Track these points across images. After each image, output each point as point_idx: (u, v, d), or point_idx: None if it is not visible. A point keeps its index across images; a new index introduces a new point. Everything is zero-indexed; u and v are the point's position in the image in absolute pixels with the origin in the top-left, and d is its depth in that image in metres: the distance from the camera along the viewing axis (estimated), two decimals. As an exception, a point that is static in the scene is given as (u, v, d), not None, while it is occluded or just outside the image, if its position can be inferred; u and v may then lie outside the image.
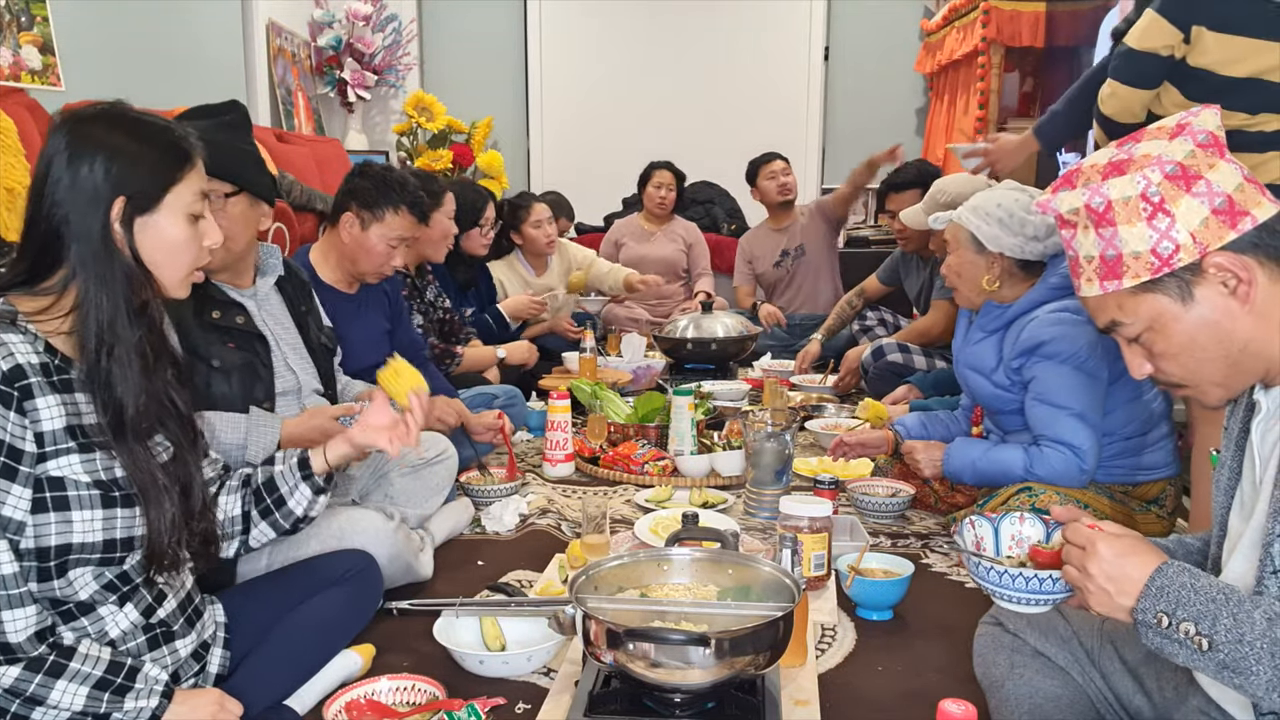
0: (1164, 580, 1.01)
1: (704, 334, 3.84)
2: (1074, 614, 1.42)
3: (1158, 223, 1.06)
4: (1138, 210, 1.06)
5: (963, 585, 2.06)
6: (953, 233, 2.26)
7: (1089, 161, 1.14)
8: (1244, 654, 0.95)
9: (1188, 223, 1.05)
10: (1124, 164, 1.09)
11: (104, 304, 1.20)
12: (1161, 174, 1.06)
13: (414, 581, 2.01)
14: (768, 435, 2.43)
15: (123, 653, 1.26)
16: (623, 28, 6.07)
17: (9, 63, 2.73)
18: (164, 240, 1.26)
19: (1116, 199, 1.07)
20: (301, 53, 5.24)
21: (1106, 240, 1.09)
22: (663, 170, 4.95)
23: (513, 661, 1.65)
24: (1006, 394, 2.22)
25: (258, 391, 1.94)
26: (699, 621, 1.42)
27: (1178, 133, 1.09)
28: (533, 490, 2.71)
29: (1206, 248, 1.05)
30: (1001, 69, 4.73)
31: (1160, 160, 1.07)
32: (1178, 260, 1.06)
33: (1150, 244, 1.06)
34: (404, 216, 2.50)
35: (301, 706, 1.51)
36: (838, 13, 5.93)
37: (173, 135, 1.28)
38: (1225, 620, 0.96)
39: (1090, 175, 1.12)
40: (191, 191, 1.28)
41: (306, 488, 1.52)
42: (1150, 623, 1.01)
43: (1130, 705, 1.31)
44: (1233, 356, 1.08)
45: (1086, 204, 1.10)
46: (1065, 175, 1.17)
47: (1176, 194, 1.05)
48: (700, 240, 5.11)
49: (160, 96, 3.46)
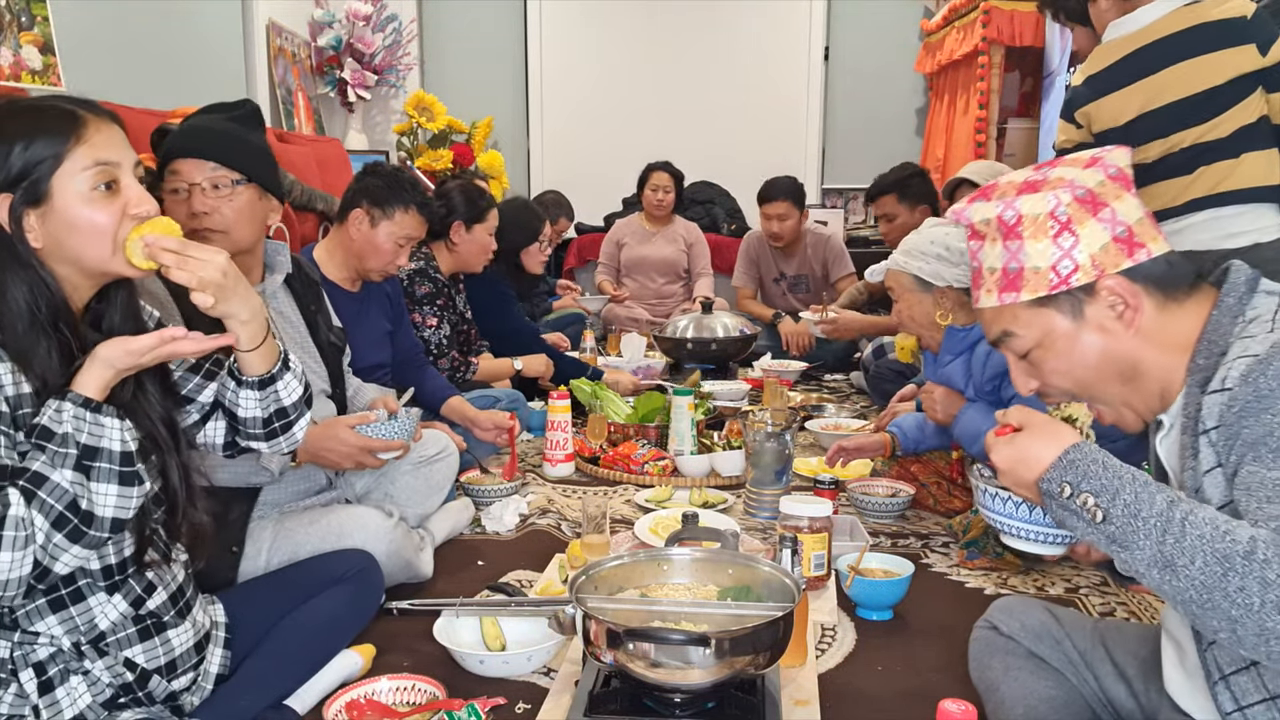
0: (1076, 455, 1.06)
1: (704, 334, 3.85)
2: (1066, 615, 1.43)
3: (1062, 240, 1.11)
4: (1045, 227, 1.12)
5: (963, 585, 2.06)
6: (894, 280, 2.30)
7: (1007, 179, 1.20)
8: (1135, 528, 0.98)
9: (1090, 245, 1.10)
10: (1039, 183, 1.14)
11: (13, 308, 1.17)
12: (1072, 196, 1.11)
13: (414, 580, 2.01)
14: (768, 435, 2.43)
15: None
16: (623, 28, 6.07)
17: (9, 63, 2.73)
18: (72, 224, 1.19)
19: (1027, 213, 1.13)
20: (301, 53, 5.24)
21: (1011, 253, 1.14)
22: (660, 172, 4.93)
23: (513, 661, 1.65)
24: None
25: None
26: (699, 621, 1.42)
27: (1091, 164, 1.14)
28: (533, 490, 2.71)
29: (1103, 271, 1.10)
30: (1001, 69, 4.74)
31: (1073, 184, 1.12)
32: (1075, 280, 1.11)
33: (1052, 260, 1.12)
34: (413, 216, 2.51)
35: (302, 706, 1.51)
36: (838, 13, 5.93)
37: (44, 115, 1.20)
38: (1126, 496, 1.00)
39: (1006, 190, 1.17)
40: (84, 164, 1.19)
41: (246, 391, 1.42)
42: (1054, 493, 1.05)
43: (1124, 708, 1.32)
44: (1126, 374, 1.13)
45: (999, 215, 1.15)
46: (982, 189, 1.21)
47: (1083, 216, 1.11)
48: (701, 240, 5.11)
49: (160, 96, 3.46)
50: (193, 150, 1.81)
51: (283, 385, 1.44)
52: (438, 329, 3.11)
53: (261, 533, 1.84)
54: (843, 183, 5.99)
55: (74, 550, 1.14)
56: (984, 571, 2.12)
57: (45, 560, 1.12)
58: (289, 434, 1.49)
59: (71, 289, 1.24)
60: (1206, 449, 1.04)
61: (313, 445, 1.89)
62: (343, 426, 1.91)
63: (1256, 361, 1.00)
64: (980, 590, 2.03)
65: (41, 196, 1.18)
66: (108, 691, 1.26)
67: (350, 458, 1.91)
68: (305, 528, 1.84)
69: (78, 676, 1.24)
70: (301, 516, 1.87)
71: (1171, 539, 0.96)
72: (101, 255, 1.22)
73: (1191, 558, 0.94)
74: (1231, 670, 1.05)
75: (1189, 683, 1.15)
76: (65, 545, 1.13)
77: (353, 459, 1.92)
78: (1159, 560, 0.96)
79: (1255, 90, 2.25)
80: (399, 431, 1.95)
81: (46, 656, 1.22)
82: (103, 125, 1.23)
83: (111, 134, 1.24)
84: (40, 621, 1.22)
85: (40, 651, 1.22)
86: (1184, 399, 1.10)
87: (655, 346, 4.09)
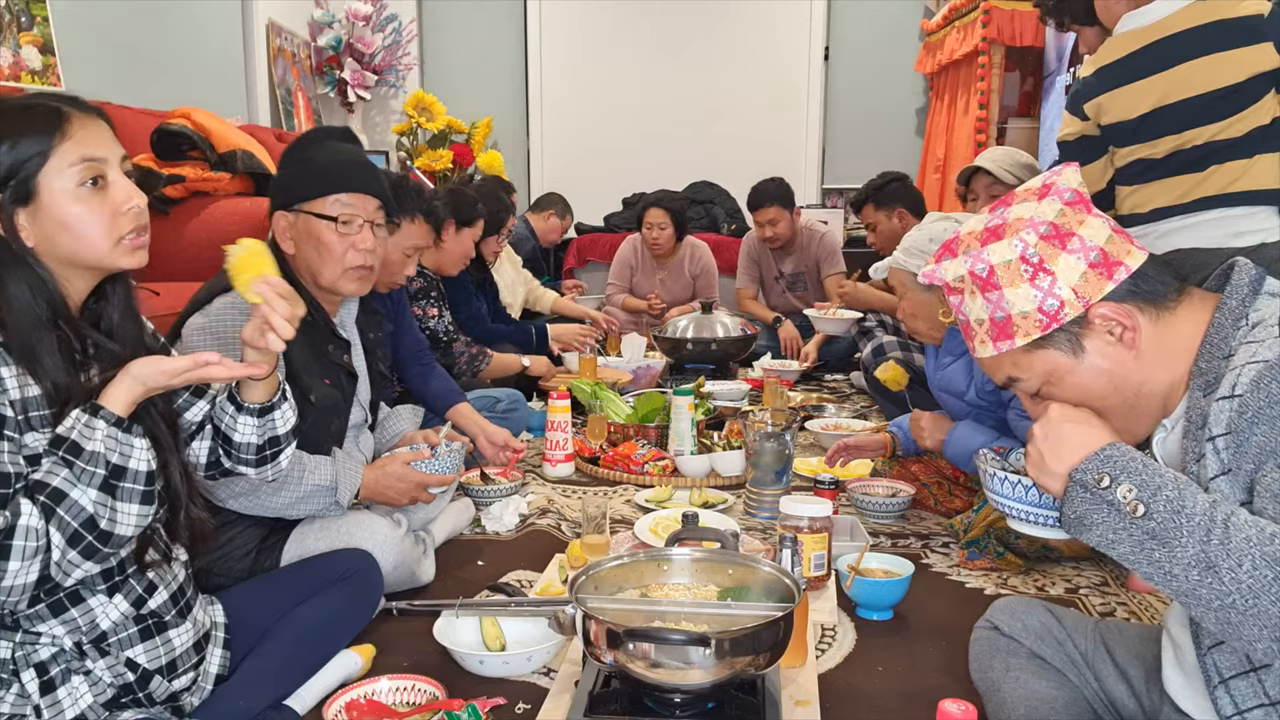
0: (1114, 452, 1.03)
1: (704, 334, 3.85)
2: (1068, 616, 1.43)
3: (1040, 282, 1.10)
4: (1019, 272, 1.11)
5: (963, 585, 2.06)
6: (896, 279, 2.29)
7: (966, 229, 1.19)
8: (1178, 525, 0.96)
9: (1068, 279, 1.10)
10: (1000, 229, 1.14)
11: (16, 307, 1.17)
12: (1037, 235, 1.11)
13: (415, 585, 2.01)
14: (768, 435, 2.43)
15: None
16: (623, 28, 6.07)
17: (9, 63, 2.73)
18: (61, 221, 1.19)
19: (998, 263, 1.12)
20: (301, 53, 5.24)
21: (994, 303, 1.13)
22: (653, 209, 4.73)
23: (513, 661, 1.65)
24: (982, 413, 2.24)
25: (335, 426, 1.94)
26: (699, 621, 1.42)
27: (1044, 193, 1.13)
28: (533, 490, 2.71)
29: (1089, 300, 1.10)
30: (1002, 69, 4.74)
31: (1033, 222, 1.11)
32: (1065, 315, 1.10)
33: (1036, 303, 1.11)
34: (419, 225, 2.50)
35: (301, 706, 1.51)
36: (838, 13, 5.94)
37: (28, 113, 1.19)
38: (1169, 492, 0.97)
39: (969, 243, 1.16)
40: (69, 160, 1.19)
41: (245, 417, 1.44)
42: (1089, 483, 1.02)
43: (1126, 708, 1.32)
44: (1129, 401, 1.12)
45: (970, 270, 1.14)
46: (945, 244, 1.21)
47: (1054, 253, 1.10)
48: (708, 268, 4.95)
49: (160, 96, 3.47)
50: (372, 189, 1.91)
51: (279, 414, 1.48)
52: (440, 318, 3.13)
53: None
54: (843, 183, 5.99)
55: (85, 565, 1.16)
56: (984, 572, 2.12)
57: (58, 575, 1.14)
58: (276, 462, 1.52)
59: (68, 287, 1.24)
60: (1212, 455, 1.03)
61: (373, 484, 1.96)
62: (399, 464, 1.99)
63: (1267, 367, 0.98)
64: (980, 590, 2.03)
65: (30, 195, 1.18)
66: (109, 692, 1.26)
67: (407, 494, 2.00)
68: (316, 533, 1.84)
69: (79, 676, 1.24)
70: (313, 523, 1.87)
71: (1216, 540, 0.93)
72: (95, 251, 1.22)
73: (1239, 560, 0.91)
74: (1231, 675, 1.05)
75: (1188, 684, 1.15)
76: (78, 561, 1.15)
77: (409, 495, 2.00)
78: (1201, 560, 0.94)
79: (1270, 90, 2.24)
80: (450, 466, 2.05)
81: (48, 656, 1.22)
82: (88, 121, 1.23)
83: (97, 130, 1.24)
84: (42, 623, 1.22)
85: (42, 651, 1.22)
86: (1186, 403, 1.09)
87: (655, 346, 4.09)
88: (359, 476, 1.90)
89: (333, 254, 1.85)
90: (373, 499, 1.99)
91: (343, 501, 1.84)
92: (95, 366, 1.26)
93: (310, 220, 1.85)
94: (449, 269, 3.25)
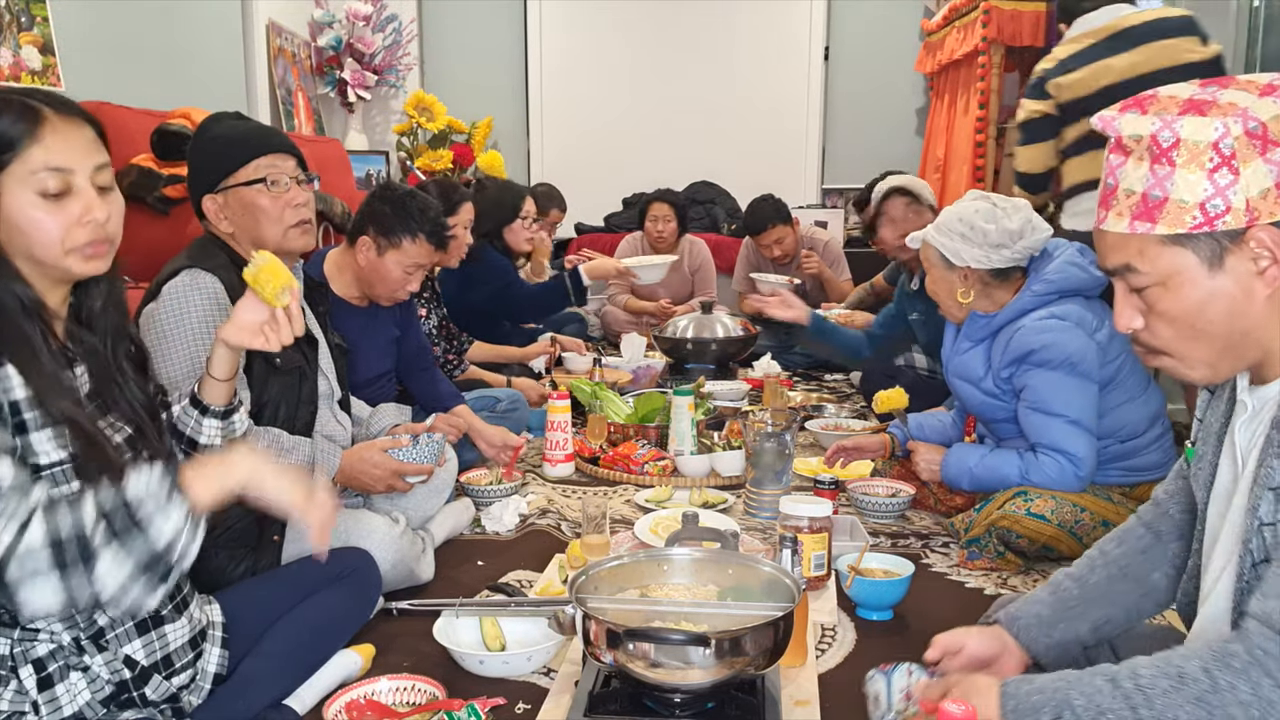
0: (1012, 690, 1.08)
1: (704, 334, 3.84)
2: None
3: (1219, 178, 0.98)
4: (1205, 158, 0.98)
5: (963, 585, 2.06)
6: (925, 253, 2.27)
7: (1167, 91, 1.05)
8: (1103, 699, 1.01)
9: (1249, 187, 0.98)
10: (1206, 105, 1.00)
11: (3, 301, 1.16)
12: (1243, 128, 0.98)
13: (415, 584, 2.01)
14: (768, 435, 2.43)
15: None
16: (623, 28, 6.07)
17: (9, 63, 2.73)
18: (16, 224, 1.17)
19: (1187, 138, 0.99)
20: (301, 53, 5.24)
21: (1158, 179, 1.01)
22: (658, 202, 4.80)
23: (513, 661, 1.65)
24: (997, 402, 2.22)
25: (304, 392, 1.94)
26: (699, 621, 1.42)
27: (1268, 91, 1.00)
28: (533, 490, 2.71)
29: (1256, 218, 0.98)
30: (1002, 69, 4.73)
31: (1245, 113, 0.98)
32: (1222, 223, 0.98)
33: (1202, 197, 0.98)
34: (421, 245, 2.47)
35: (301, 706, 1.51)
36: (838, 13, 5.93)
37: (3, 110, 1.17)
38: (1077, 701, 1.02)
39: (1167, 105, 1.02)
40: (33, 167, 1.17)
41: (210, 420, 1.47)
42: None
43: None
44: (1233, 339, 1.03)
45: (1154, 134, 1.01)
46: (1137, 98, 1.06)
47: (1250, 154, 0.97)
48: (706, 263, 4.99)
49: (160, 96, 3.46)
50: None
51: (238, 417, 1.53)
52: (426, 319, 3.13)
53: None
54: (843, 183, 5.98)
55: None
56: (984, 571, 2.12)
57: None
58: None
59: (41, 283, 1.22)
60: None
61: (349, 469, 1.98)
62: (376, 450, 2.01)
63: None
64: (980, 590, 2.03)
65: None
66: (107, 689, 1.26)
67: (383, 481, 2.02)
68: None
69: (77, 673, 1.24)
70: None
71: (1145, 710, 0.97)
72: (48, 255, 1.20)
73: (1175, 715, 0.95)
74: None
75: None
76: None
77: (385, 482, 2.03)
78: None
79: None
80: (427, 455, 2.07)
81: (46, 653, 1.22)
82: (66, 126, 1.20)
83: (76, 135, 1.21)
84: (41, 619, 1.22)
85: (40, 648, 1.22)
86: None
87: (655, 346, 4.09)
88: (336, 459, 1.92)
89: (269, 215, 1.85)
90: (348, 484, 2.01)
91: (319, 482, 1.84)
92: (81, 365, 1.26)
93: (239, 191, 1.85)
94: (449, 262, 3.24)
